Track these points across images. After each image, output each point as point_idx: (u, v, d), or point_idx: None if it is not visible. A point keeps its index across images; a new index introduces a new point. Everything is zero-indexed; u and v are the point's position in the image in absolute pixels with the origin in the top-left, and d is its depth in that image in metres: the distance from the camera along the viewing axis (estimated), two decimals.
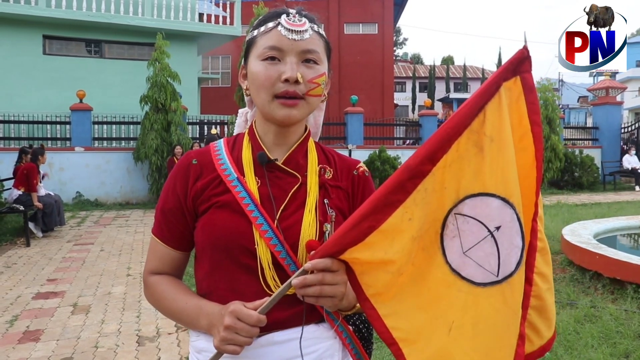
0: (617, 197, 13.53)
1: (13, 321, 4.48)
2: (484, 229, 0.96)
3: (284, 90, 1.08)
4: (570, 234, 5.93)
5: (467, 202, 0.97)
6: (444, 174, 0.96)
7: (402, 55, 59.89)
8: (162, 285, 1.18)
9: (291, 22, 1.10)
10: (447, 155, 0.96)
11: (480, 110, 0.96)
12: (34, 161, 8.66)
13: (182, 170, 1.17)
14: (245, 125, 1.31)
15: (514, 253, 0.97)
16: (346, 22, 27.35)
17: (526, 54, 0.95)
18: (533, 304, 1.04)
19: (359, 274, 1.00)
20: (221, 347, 1.01)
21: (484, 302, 0.96)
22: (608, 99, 17.61)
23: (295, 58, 1.09)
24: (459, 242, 0.98)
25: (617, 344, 3.65)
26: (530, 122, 0.98)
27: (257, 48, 1.12)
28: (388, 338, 1.00)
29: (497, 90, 0.96)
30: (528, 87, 0.98)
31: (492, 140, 0.95)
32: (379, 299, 1.01)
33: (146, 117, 12.40)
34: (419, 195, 0.96)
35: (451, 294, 0.98)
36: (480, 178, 0.96)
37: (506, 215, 0.96)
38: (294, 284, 0.98)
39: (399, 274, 0.99)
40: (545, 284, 1.07)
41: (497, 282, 0.97)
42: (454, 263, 0.98)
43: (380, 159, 13.54)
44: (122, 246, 7.72)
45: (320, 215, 1.13)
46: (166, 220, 1.17)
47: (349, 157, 1.28)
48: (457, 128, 0.96)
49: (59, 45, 15.59)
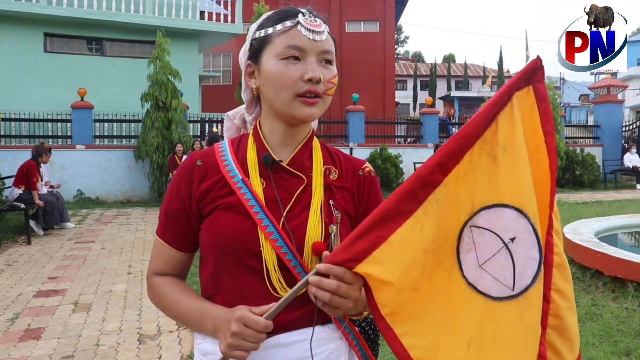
0: (618, 196, 13.50)
1: (14, 319, 4.49)
2: (499, 241, 0.94)
3: (307, 89, 1.08)
4: (571, 232, 5.92)
5: (482, 214, 0.95)
6: (458, 186, 0.95)
7: (404, 54, 59.82)
8: (165, 287, 1.18)
9: (310, 22, 1.10)
10: (460, 165, 0.94)
11: (493, 120, 0.95)
12: (35, 159, 8.61)
13: (186, 171, 1.16)
14: (240, 128, 1.31)
15: (530, 265, 0.94)
16: (347, 20, 27.32)
17: (539, 64, 0.95)
18: (552, 323, 0.98)
19: (375, 291, 0.98)
20: (228, 353, 1.01)
21: (500, 317, 0.94)
22: (609, 97, 17.57)
23: (315, 58, 1.09)
24: (474, 255, 0.96)
25: (618, 342, 3.65)
26: (543, 132, 0.98)
27: (275, 47, 1.10)
28: (406, 358, 0.98)
29: (509, 99, 0.95)
30: (540, 97, 0.97)
31: (506, 149, 0.94)
32: (395, 318, 0.98)
33: (147, 115, 12.39)
34: (431, 206, 0.95)
35: (468, 309, 0.95)
36: (494, 189, 0.95)
37: (521, 226, 0.94)
38: (311, 281, 0.96)
39: (413, 290, 0.97)
40: (565, 302, 1.00)
41: (513, 296, 0.94)
42: (470, 277, 0.96)
43: (381, 157, 13.56)
44: (123, 244, 7.73)
45: (326, 216, 1.12)
46: (170, 221, 1.17)
47: (355, 157, 1.28)
48: (469, 138, 0.94)
49: (60, 43, 15.58)
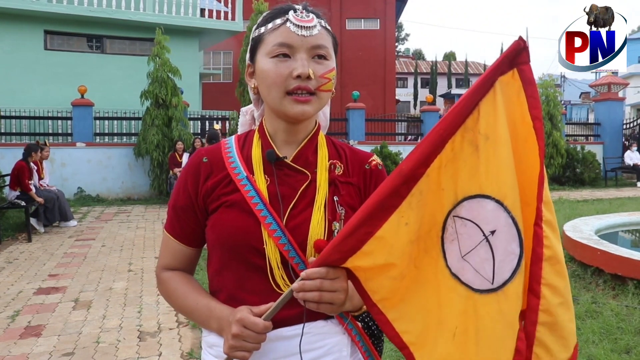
0: (619, 193, 13.51)
1: (14, 316, 4.50)
2: (480, 233, 0.92)
3: (296, 86, 1.07)
4: (571, 229, 5.93)
5: (464, 204, 0.93)
6: (440, 175, 0.93)
7: (404, 51, 59.68)
8: (174, 283, 1.20)
9: (299, 18, 1.09)
10: (442, 155, 0.92)
11: (475, 107, 0.91)
12: (25, 158, 8.51)
13: (193, 168, 1.18)
14: (252, 124, 1.31)
15: (508, 260, 0.91)
16: (348, 18, 27.27)
17: (522, 45, 0.91)
18: (542, 319, 0.94)
19: (363, 281, 0.98)
20: (231, 354, 1.03)
21: (481, 310, 0.93)
22: (610, 95, 17.56)
23: (306, 54, 1.08)
24: (457, 245, 0.95)
25: (618, 340, 3.65)
26: (531, 117, 0.93)
27: (266, 45, 1.11)
28: (399, 342, 0.99)
29: (492, 85, 0.91)
30: (527, 80, 0.92)
31: (487, 138, 0.91)
32: (387, 304, 0.99)
33: (147, 112, 12.37)
34: (414, 199, 0.93)
35: (452, 299, 0.95)
36: (476, 179, 0.92)
37: (501, 218, 0.91)
38: (294, 287, 0.99)
39: (401, 278, 0.97)
40: (556, 297, 0.95)
41: (493, 290, 0.92)
42: (454, 267, 0.95)
43: (381, 155, 13.54)
44: (123, 242, 7.73)
45: (330, 213, 1.12)
46: (178, 217, 1.19)
47: (362, 151, 1.26)
48: (450, 128, 0.92)
49: (61, 40, 15.54)
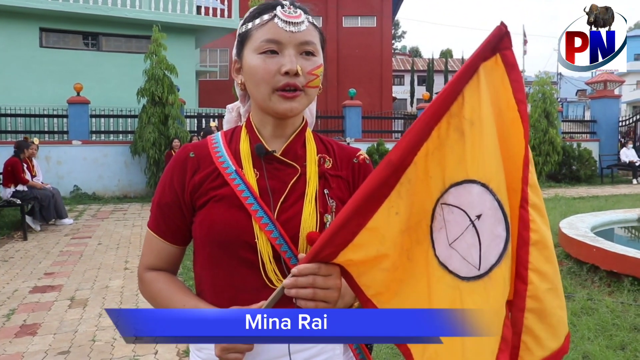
0: (615, 190, 13.54)
1: (10, 315, 4.48)
2: (466, 219, 0.91)
3: (284, 83, 1.06)
4: (567, 226, 5.94)
5: (451, 191, 0.93)
6: (427, 162, 0.93)
7: (401, 49, 59.61)
8: (158, 283, 1.18)
9: (287, 13, 1.08)
10: (428, 142, 0.92)
11: (459, 94, 0.91)
12: (17, 155, 8.62)
13: (179, 163, 1.15)
14: (237, 121, 1.30)
15: (495, 244, 0.91)
16: (345, 15, 27.25)
17: (504, 30, 0.91)
18: (530, 306, 0.94)
19: (356, 276, 0.97)
20: (223, 356, 1.01)
21: (467, 299, 0.91)
22: (606, 93, 17.59)
23: (294, 50, 1.07)
24: (445, 233, 0.94)
25: (613, 336, 3.66)
26: (515, 101, 0.93)
27: (254, 41, 1.10)
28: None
29: (475, 72, 0.91)
30: (510, 65, 0.92)
31: (473, 124, 0.91)
32: (381, 298, 0.97)
33: (143, 110, 12.34)
34: (403, 188, 0.93)
35: (440, 289, 0.94)
36: (462, 164, 0.92)
37: (486, 201, 0.90)
38: (285, 284, 0.97)
39: (394, 269, 0.96)
40: (544, 283, 0.94)
41: (479, 276, 0.91)
42: (442, 256, 0.94)
43: (378, 153, 13.54)
44: (119, 240, 7.71)
45: (321, 206, 1.12)
46: (163, 214, 1.17)
47: (349, 146, 1.27)
48: (436, 115, 0.91)
49: (56, 37, 15.48)
